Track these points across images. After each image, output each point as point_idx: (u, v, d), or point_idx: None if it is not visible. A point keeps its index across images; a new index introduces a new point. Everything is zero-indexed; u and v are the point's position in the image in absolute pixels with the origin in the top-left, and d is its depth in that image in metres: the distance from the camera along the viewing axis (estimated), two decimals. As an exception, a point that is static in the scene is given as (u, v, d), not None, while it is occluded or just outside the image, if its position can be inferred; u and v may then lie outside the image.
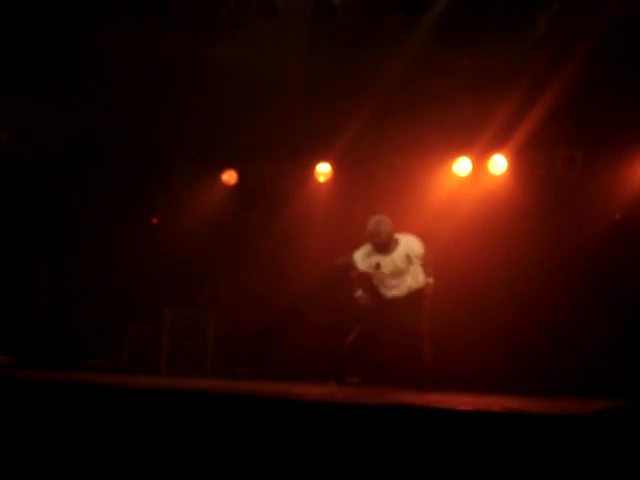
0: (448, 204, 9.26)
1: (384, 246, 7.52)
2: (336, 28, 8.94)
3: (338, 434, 4.56)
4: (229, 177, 10.52)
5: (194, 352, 10.01)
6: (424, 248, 7.62)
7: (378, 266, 7.55)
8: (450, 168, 9.55)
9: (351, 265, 7.67)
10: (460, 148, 9.41)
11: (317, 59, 9.28)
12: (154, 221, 10.74)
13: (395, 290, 7.59)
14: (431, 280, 7.55)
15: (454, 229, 9.00)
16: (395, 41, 8.95)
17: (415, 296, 7.57)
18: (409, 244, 7.59)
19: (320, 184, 10.18)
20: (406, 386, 7.45)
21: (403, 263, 7.52)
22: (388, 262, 7.55)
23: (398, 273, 7.54)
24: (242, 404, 5.10)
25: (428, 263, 7.63)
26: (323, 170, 10.13)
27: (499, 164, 9.40)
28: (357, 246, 7.75)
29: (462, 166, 9.51)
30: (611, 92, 8.61)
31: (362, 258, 7.65)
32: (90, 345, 10.29)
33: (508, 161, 9.36)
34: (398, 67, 9.04)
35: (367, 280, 7.62)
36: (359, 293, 7.60)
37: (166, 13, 8.85)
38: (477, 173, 9.50)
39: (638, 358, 4.75)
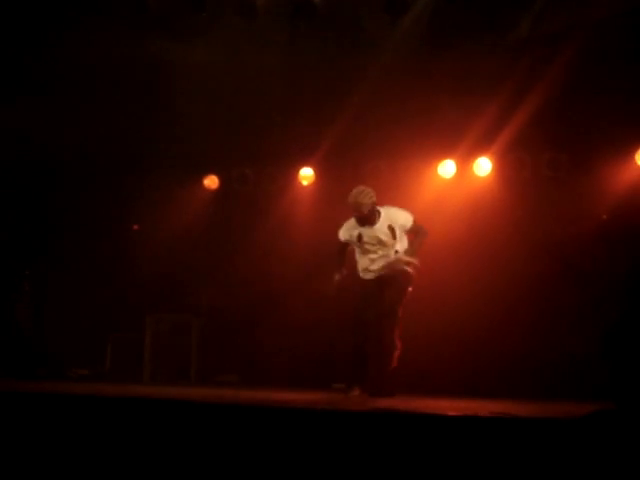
0: (433, 206, 9.22)
1: (366, 219, 7.24)
2: (317, 30, 8.90)
3: (326, 441, 4.52)
4: (210, 182, 10.47)
5: (177, 360, 9.94)
6: (412, 219, 7.29)
7: (360, 237, 7.28)
8: (435, 171, 9.53)
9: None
10: (445, 150, 9.39)
11: (298, 62, 9.24)
12: (135, 227, 10.66)
13: (378, 263, 7.28)
14: (416, 261, 7.19)
15: (439, 231, 8.92)
16: (378, 43, 8.92)
17: (400, 275, 7.24)
18: (391, 215, 7.27)
19: (304, 188, 10.14)
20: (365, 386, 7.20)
21: (386, 235, 7.22)
22: (370, 234, 7.27)
23: (381, 245, 7.26)
24: (227, 412, 5.05)
25: (417, 232, 7.30)
26: (306, 174, 10.09)
27: (484, 166, 9.38)
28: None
29: (447, 168, 9.49)
30: (595, 93, 8.61)
31: (344, 230, 7.39)
32: (71, 354, 10.20)
33: (493, 163, 9.35)
34: (381, 69, 9.01)
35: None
36: (337, 277, 7.33)
37: (144, 16, 8.79)
38: (462, 175, 9.49)
39: (622, 360, 4.73)
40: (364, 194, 7.21)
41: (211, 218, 10.38)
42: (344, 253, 7.47)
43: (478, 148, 9.27)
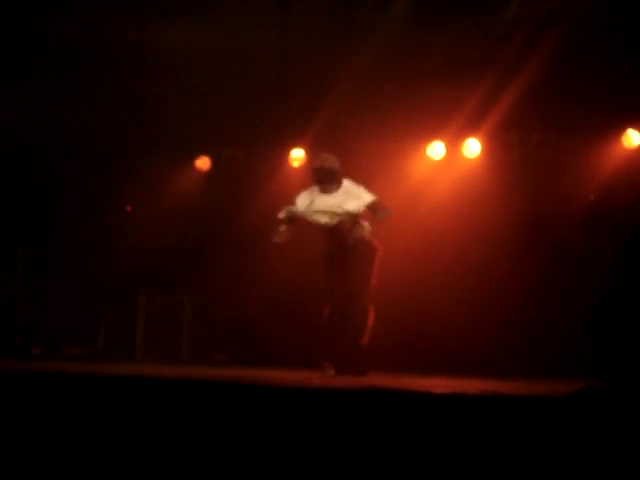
0: (422, 188, 9.27)
1: (323, 182, 7.08)
2: (308, 11, 8.89)
3: (314, 419, 4.56)
4: (202, 163, 10.48)
5: (170, 339, 9.99)
6: (374, 198, 7.04)
7: (311, 203, 7.13)
8: (424, 152, 9.56)
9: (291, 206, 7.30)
10: (434, 132, 9.41)
11: (289, 42, 9.25)
12: (128, 209, 10.68)
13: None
14: (366, 225, 6.95)
15: (429, 213, 9.02)
16: (368, 24, 8.93)
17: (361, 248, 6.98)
18: (350, 188, 7.07)
19: (295, 169, 10.15)
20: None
21: (337, 204, 7.01)
22: (321, 201, 7.12)
23: (329, 214, 7.06)
24: (218, 391, 5.08)
25: (378, 209, 7.02)
26: (297, 155, 10.10)
27: (473, 147, 9.42)
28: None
29: (436, 150, 9.52)
30: (583, 75, 8.64)
31: (302, 196, 7.26)
32: (65, 334, 10.25)
33: (482, 144, 9.38)
34: (372, 51, 9.02)
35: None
36: (282, 228, 7.19)
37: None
38: (451, 157, 9.52)
39: (607, 337, 4.77)
40: (327, 160, 7.16)
41: (203, 199, 10.40)
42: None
43: (467, 129, 9.30)
